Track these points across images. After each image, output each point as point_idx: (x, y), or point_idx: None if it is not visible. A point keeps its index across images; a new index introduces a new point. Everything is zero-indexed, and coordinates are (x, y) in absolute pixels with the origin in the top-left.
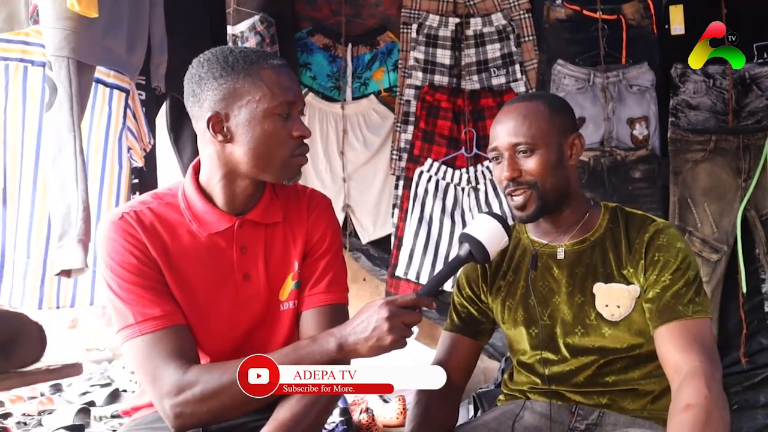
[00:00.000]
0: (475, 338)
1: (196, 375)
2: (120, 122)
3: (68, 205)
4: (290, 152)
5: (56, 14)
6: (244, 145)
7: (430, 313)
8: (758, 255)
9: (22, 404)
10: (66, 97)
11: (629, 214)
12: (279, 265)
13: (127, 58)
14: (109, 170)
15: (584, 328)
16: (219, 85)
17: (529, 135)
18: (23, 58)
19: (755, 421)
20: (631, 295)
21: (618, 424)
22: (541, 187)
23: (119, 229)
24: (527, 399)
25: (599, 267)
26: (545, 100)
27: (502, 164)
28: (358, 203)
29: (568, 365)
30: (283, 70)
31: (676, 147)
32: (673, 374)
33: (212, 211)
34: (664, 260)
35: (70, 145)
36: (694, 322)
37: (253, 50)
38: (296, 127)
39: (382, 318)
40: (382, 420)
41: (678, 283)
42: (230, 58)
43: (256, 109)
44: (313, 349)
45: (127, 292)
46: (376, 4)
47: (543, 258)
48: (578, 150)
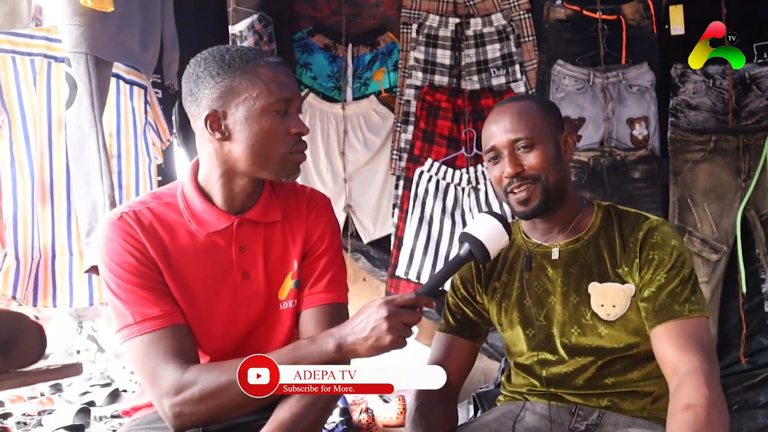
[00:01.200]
0: (471, 339)
1: (195, 375)
2: (143, 119)
3: (94, 201)
4: (288, 149)
5: (71, 11)
6: (242, 142)
7: (430, 314)
8: (758, 255)
9: (22, 404)
10: (86, 93)
11: (622, 212)
12: (278, 265)
13: (142, 55)
14: (142, 164)
15: (580, 327)
16: (216, 83)
17: (527, 130)
18: (47, 54)
19: (755, 421)
20: (626, 294)
21: (618, 425)
22: (545, 180)
23: (118, 229)
24: (527, 400)
25: (594, 266)
26: (535, 99)
27: (502, 162)
28: (358, 203)
29: (566, 367)
30: (280, 67)
31: (676, 147)
32: (672, 374)
33: (211, 210)
34: (659, 258)
35: (93, 141)
36: (690, 321)
37: (249, 48)
38: (294, 124)
39: (381, 318)
40: (382, 420)
41: (673, 282)
42: (227, 57)
43: (254, 106)
44: (311, 349)
45: (126, 292)
46: (376, 4)
47: (537, 258)
48: (570, 147)
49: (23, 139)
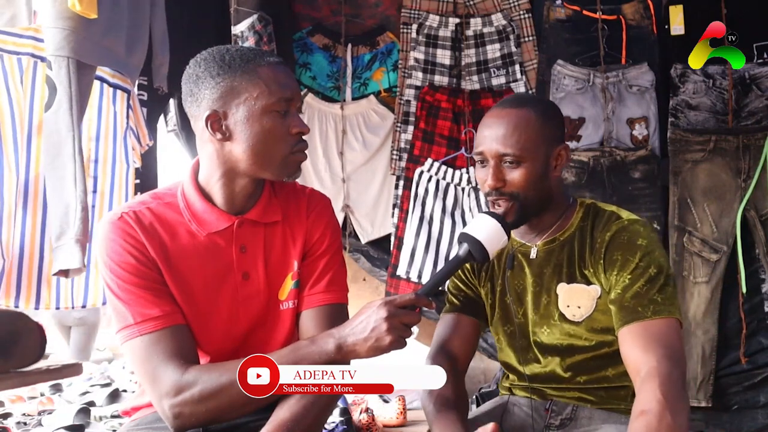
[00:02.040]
0: (474, 316)
1: (194, 375)
2: (124, 123)
3: (66, 205)
4: (289, 149)
5: (56, 14)
6: (243, 142)
7: (430, 314)
8: (758, 255)
9: (22, 404)
10: (65, 97)
11: (599, 212)
12: (278, 265)
13: (127, 59)
14: (119, 170)
15: (549, 327)
16: (216, 84)
17: (517, 147)
18: (34, 53)
19: (755, 421)
20: (591, 296)
21: (593, 418)
22: (522, 199)
23: (118, 229)
24: (512, 395)
25: (564, 267)
26: (536, 108)
27: (487, 171)
28: (357, 203)
29: (539, 366)
30: (280, 67)
31: (676, 147)
32: (635, 376)
33: (211, 211)
34: (623, 259)
35: (69, 145)
36: (653, 322)
37: (249, 49)
38: (294, 124)
39: (381, 318)
40: (382, 420)
41: (637, 283)
42: (227, 57)
43: (254, 106)
44: (311, 350)
45: (126, 293)
46: (375, 5)
47: (518, 257)
48: (563, 161)
49: (11, 139)
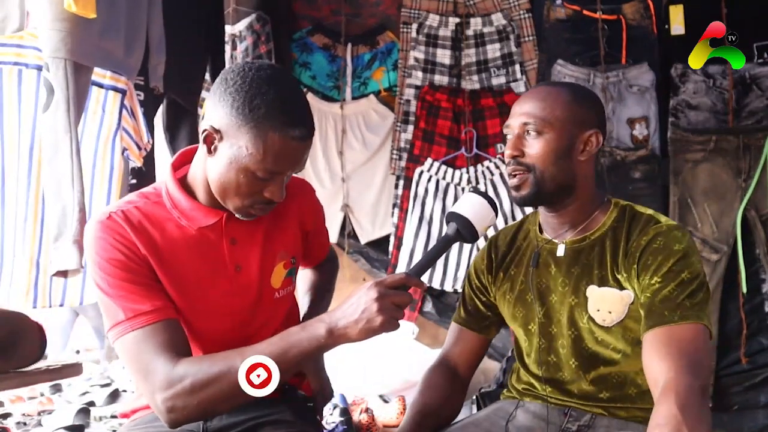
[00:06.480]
0: (480, 332)
1: (185, 367)
2: (114, 124)
3: (64, 206)
4: (249, 204)
5: (53, 15)
6: (216, 172)
7: (430, 315)
8: (758, 255)
9: (22, 404)
10: (63, 99)
11: (636, 214)
12: (270, 255)
13: (125, 59)
14: (99, 173)
15: (576, 330)
16: (229, 113)
17: (540, 117)
18: (17, 62)
19: (756, 421)
20: (623, 301)
21: (611, 427)
22: (538, 173)
23: (107, 228)
24: (521, 399)
25: (595, 268)
26: (572, 89)
27: (509, 142)
28: (356, 203)
29: (560, 373)
30: (295, 142)
31: (676, 147)
32: (653, 386)
33: (198, 207)
34: (657, 263)
35: (67, 147)
36: (679, 327)
37: (283, 101)
38: (270, 190)
39: (371, 299)
40: (382, 420)
41: (668, 286)
42: (256, 100)
43: (242, 157)
44: (301, 336)
45: (116, 289)
46: (376, 4)
47: (544, 254)
48: (592, 147)
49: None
